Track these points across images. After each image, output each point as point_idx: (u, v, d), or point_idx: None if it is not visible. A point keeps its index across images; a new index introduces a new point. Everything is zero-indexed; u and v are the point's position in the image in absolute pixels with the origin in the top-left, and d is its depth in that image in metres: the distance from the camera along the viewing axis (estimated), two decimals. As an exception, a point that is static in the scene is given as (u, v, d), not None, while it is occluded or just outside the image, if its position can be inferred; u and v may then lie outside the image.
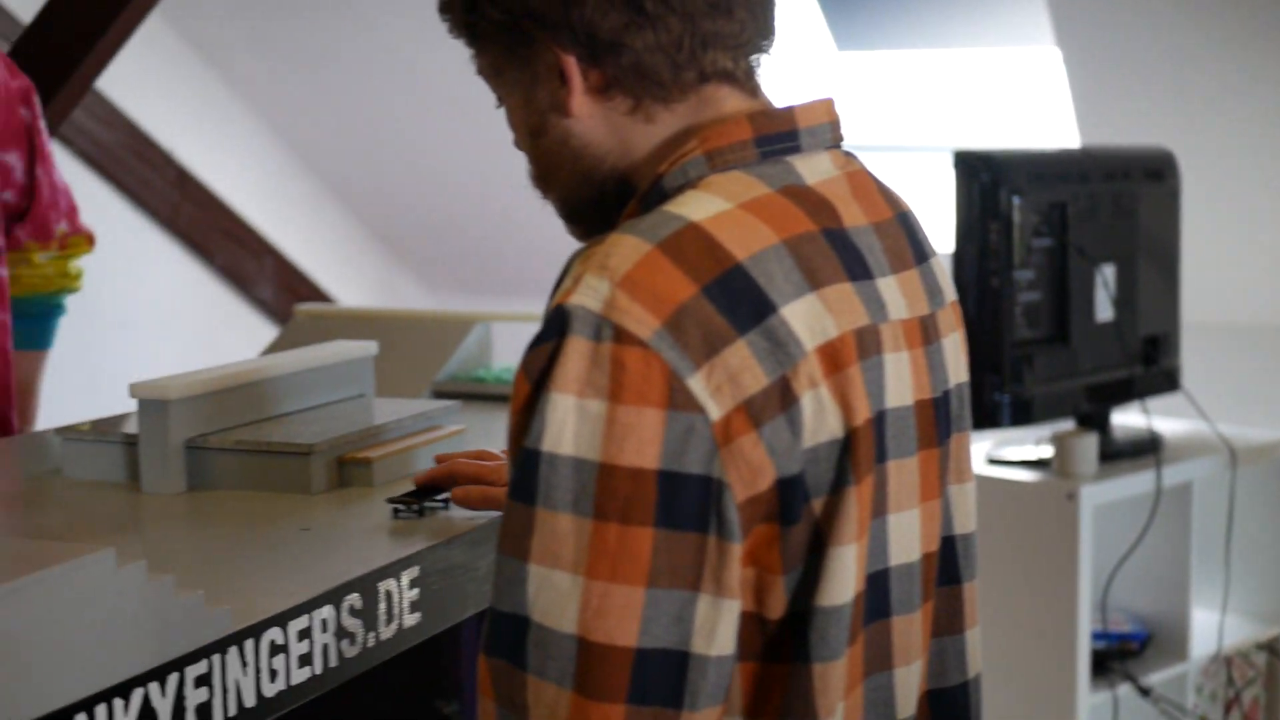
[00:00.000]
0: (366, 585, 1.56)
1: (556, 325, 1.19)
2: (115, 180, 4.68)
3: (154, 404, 1.90)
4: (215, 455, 1.92)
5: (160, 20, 4.78)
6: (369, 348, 2.26)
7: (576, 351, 1.17)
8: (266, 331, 5.39)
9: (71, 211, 2.60)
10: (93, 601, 1.21)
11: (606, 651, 1.15)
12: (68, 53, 3.92)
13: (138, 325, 4.91)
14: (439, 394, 2.62)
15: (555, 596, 1.16)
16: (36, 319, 2.61)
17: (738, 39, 1.34)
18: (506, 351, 2.87)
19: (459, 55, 1.43)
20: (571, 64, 1.31)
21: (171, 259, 5.01)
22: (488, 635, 1.21)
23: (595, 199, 1.39)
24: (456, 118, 5.18)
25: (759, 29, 1.37)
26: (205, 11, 4.90)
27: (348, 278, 5.77)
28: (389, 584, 1.59)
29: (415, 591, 1.63)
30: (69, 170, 4.57)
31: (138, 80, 4.71)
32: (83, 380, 4.72)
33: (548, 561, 1.16)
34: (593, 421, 1.16)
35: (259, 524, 1.77)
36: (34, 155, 2.49)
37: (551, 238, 5.49)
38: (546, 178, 1.40)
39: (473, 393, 2.60)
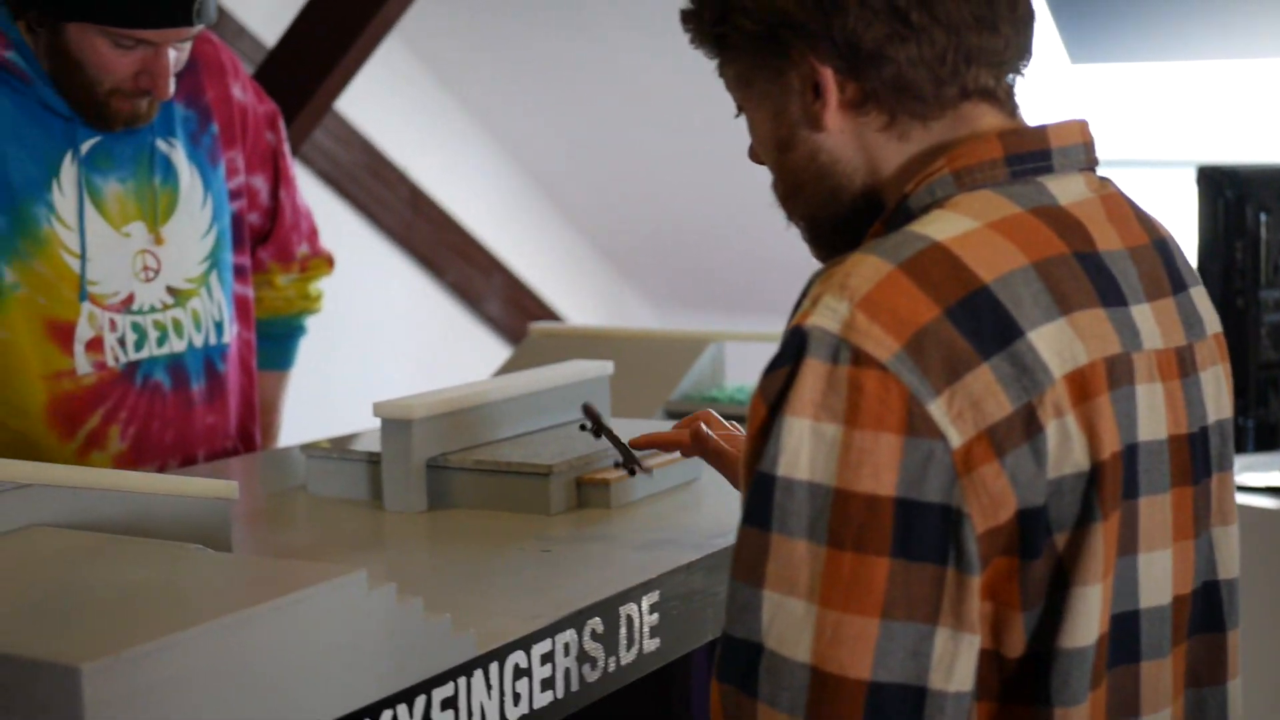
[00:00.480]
0: (608, 609, 1.56)
1: (793, 347, 1.15)
2: (351, 198, 4.78)
3: (397, 424, 1.93)
4: (456, 474, 1.94)
5: (397, 42, 4.87)
6: (605, 368, 2.26)
7: (813, 374, 1.14)
8: (495, 347, 5.46)
9: (312, 234, 2.65)
10: (344, 623, 1.23)
11: (840, 683, 1.12)
12: (309, 75, 4.02)
13: (370, 339, 5.00)
14: (672, 414, 2.61)
15: (789, 624, 1.13)
16: (278, 340, 2.67)
17: (1001, 56, 1.30)
18: (739, 371, 2.87)
19: (686, 73, 1.41)
20: (828, 76, 1.27)
21: (404, 275, 5.10)
22: (720, 660, 1.19)
23: (841, 218, 1.35)
24: (685, 135, 5.19)
25: (1020, 48, 1.32)
26: (441, 34, 4.98)
27: (575, 295, 5.82)
28: (630, 608, 1.59)
29: (655, 616, 1.62)
30: (307, 189, 4.68)
31: (375, 101, 4.81)
32: (316, 391, 4.82)
33: (782, 588, 1.13)
34: (828, 446, 1.13)
35: (499, 544, 1.78)
36: (278, 178, 2.54)
37: (783, 256, 5.47)
38: (791, 194, 1.36)
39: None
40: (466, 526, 1.87)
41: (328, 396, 4.86)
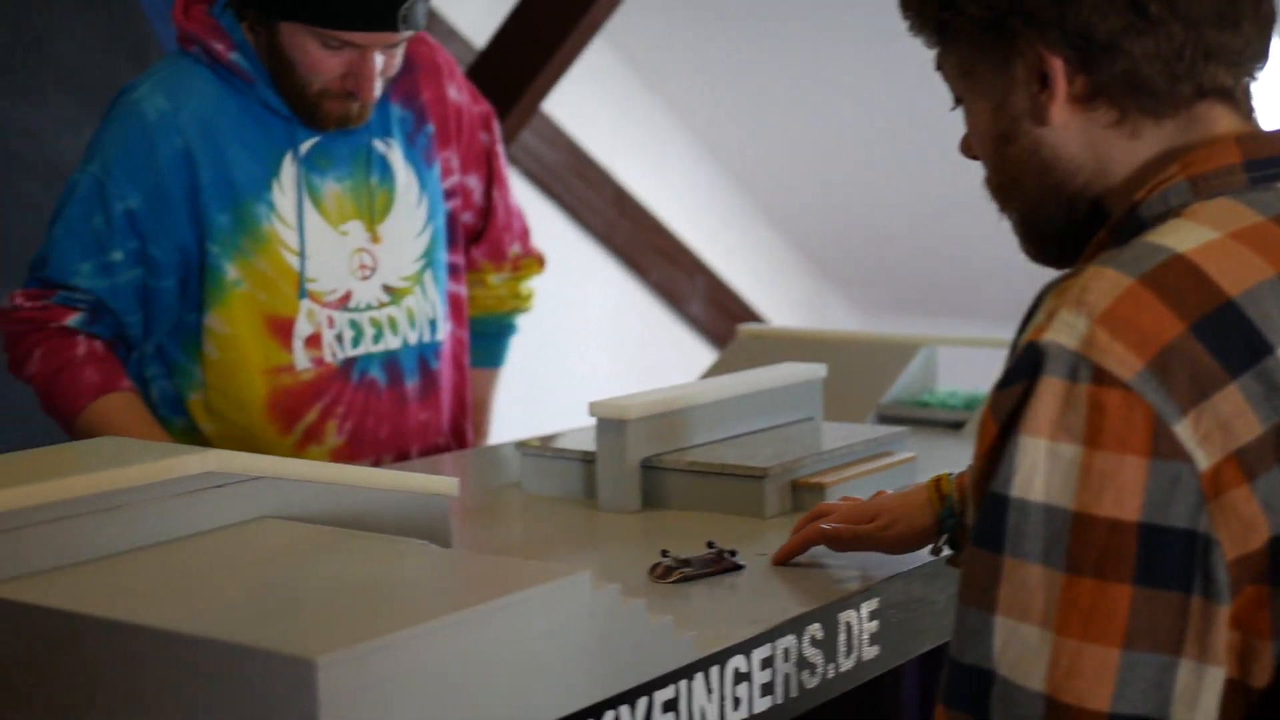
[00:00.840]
0: (828, 615, 1.54)
1: (1028, 364, 1.11)
2: (557, 198, 4.81)
3: (613, 424, 1.92)
4: (670, 475, 1.94)
5: (604, 43, 4.89)
6: (818, 370, 2.24)
7: (1050, 392, 1.09)
8: (697, 348, 5.45)
9: (524, 234, 2.66)
10: (568, 623, 1.22)
11: (1077, 714, 1.07)
12: (518, 76, 4.06)
13: (573, 338, 5.03)
14: (884, 418, 2.58)
15: (1023, 651, 1.09)
16: (490, 338, 2.69)
17: (1240, 55, 1.24)
18: (951, 376, 2.82)
19: (893, 73, 1.38)
20: (1058, 67, 1.22)
21: (608, 275, 5.12)
22: (947, 686, 1.14)
23: (1059, 217, 1.29)
24: (891, 136, 5.14)
25: (1260, 49, 1.27)
26: (647, 35, 4.99)
27: (777, 296, 5.79)
28: (849, 615, 1.57)
29: (875, 623, 1.60)
30: (514, 188, 4.72)
31: (581, 102, 4.83)
32: (520, 389, 4.86)
33: (1016, 614, 1.09)
34: (1066, 467, 1.08)
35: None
36: (491, 178, 2.56)
37: (991, 261, 5.39)
38: (1008, 188, 1.31)
39: (917, 418, 2.55)
40: (680, 528, 1.86)
41: (532, 394, 4.89)
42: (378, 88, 2.25)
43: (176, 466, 1.35)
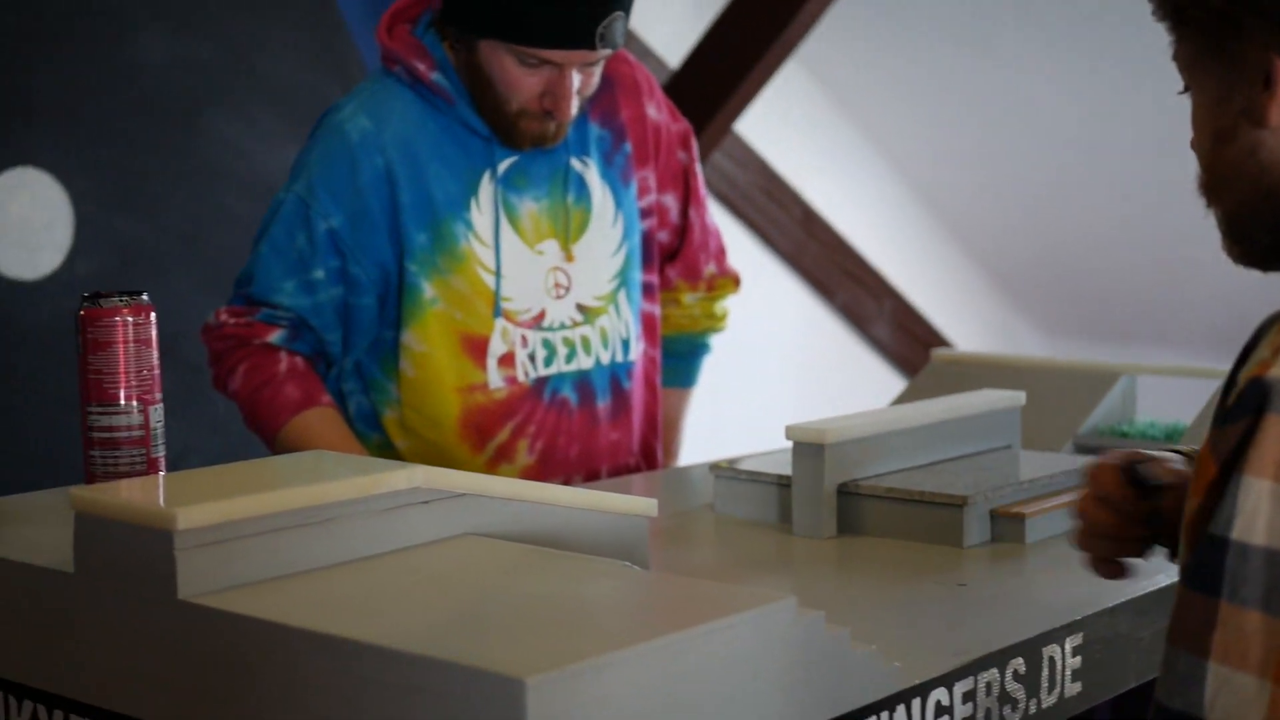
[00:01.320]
0: (1030, 649, 1.51)
1: (1253, 401, 1.07)
2: (746, 219, 4.81)
3: (810, 448, 1.91)
4: (867, 501, 1.91)
5: (796, 65, 4.88)
6: (1017, 398, 2.20)
7: (1276, 430, 1.05)
8: (882, 372, 5.41)
9: (720, 254, 2.65)
10: (774, 650, 1.21)
11: None
12: (711, 97, 4.06)
13: (758, 359, 5.02)
14: (1081, 448, 2.53)
15: (1237, 702, 1.05)
16: (683, 357, 2.69)
17: None
18: (1149, 405, 2.75)
19: (1089, 95, 1.33)
20: None
21: (794, 296, 5.10)
22: None
23: (1269, 222, 1.24)
24: (1080, 160, 5.05)
25: None
26: (838, 55, 4.97)
27: (964, 321, 5.73)
28: (1052, 649, 1.53)
29: (1078, 659, 1.56)
30: (704, 209, 4.72)
31: (772, 122, 4.82)
32: (703, 408, 4.86)
33: (1232, 661, 1.05)
34: None
35: (912, 575, 1.74)
36: (689, 197, 2.56)
37: (1190, 288, 5.26)
38: (1219, 188, 1.26)
39: (1116, 448, 2.49)
40: (876, 555, 1.84)
41: (715, 414, 4.88)
42: (575, 106, 2.25)
43: (383, 482, 1.36)
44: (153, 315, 1.59)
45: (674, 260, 2.59)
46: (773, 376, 5.09)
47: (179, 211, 3.28)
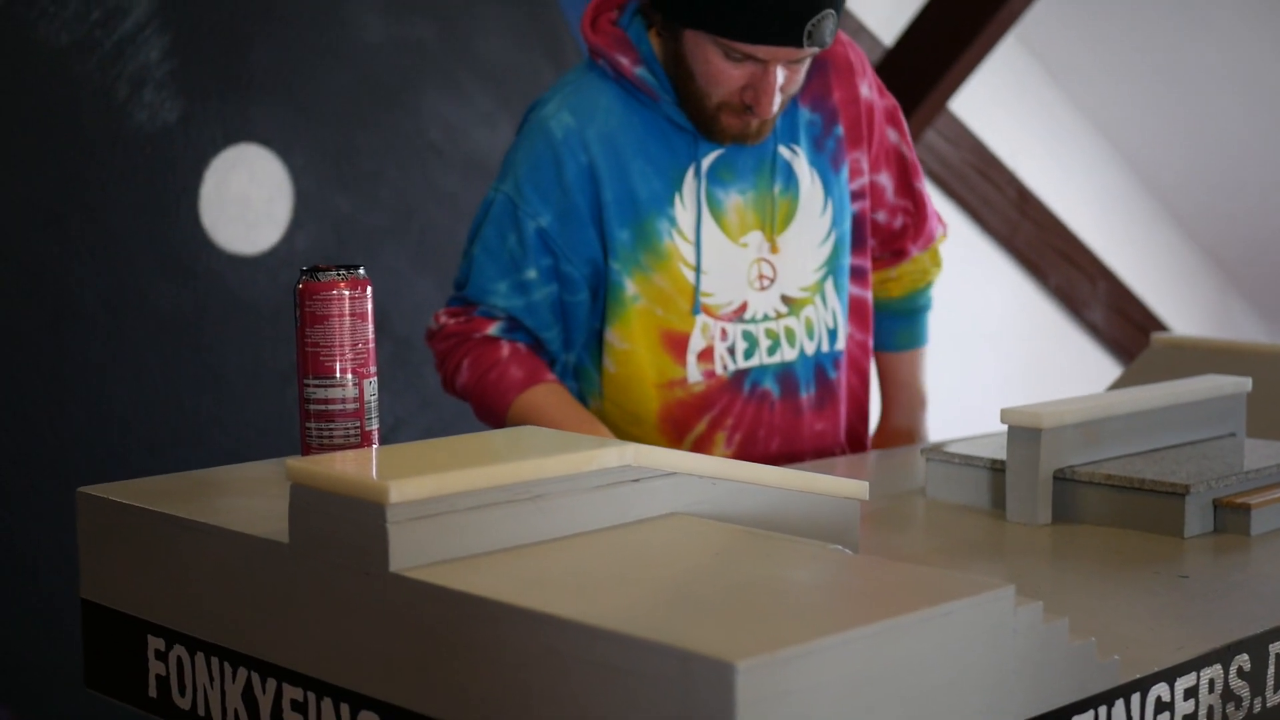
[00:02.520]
0: (1257, 646, 1.45)
1: None
2: (959, 198, 4.73)
3: (1026, 432, 1.86)
4: (1084, 488, 1.86)
5: (1014, 41, 4.79)
6: (1242, 384, 2.13)
7: None
8: (1097, 356, 5.29)
9: (935, 214, 2.61)
10: (991, 639, 1.18)
11: None
12: (926, 74, 4.00)
13: (969, 341, 4.94)
14: (1308, 437, 2.44)
15: None
16: (915, 315, 2.65)
17: None
18: (1384, 395, 2.64)
19: None
20: None
21: (1007, 277, 5.01)
22: None
23: None
24: (1313, 139, 4.88)
25: None
26: (1056, 31, 4.86)
27: (1181, 304, 5.57)
28: (1279, 646, 1.48)
29: (1307, 657, 1.50)
30: (915, 188, 4.66)
31: (986, 99, 4.74)
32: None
33: None
34: None
35: (1130, 566, 1.69)
36: (909, 171, 2.52)
37: None
38: None
39: (1348, 438, 2.40)
40: (1093, 544, 1.79)
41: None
42: (777, 103, 2.22)
43: (594, 459, 1.36)
44: (369, 289, 1.61)
45: (912, 237, 2.56)
46: (985, 359, 5.00)
47: (392, 189, 3.32)
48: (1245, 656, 1.44)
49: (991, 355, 5.04)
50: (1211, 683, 1.40)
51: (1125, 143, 5.29)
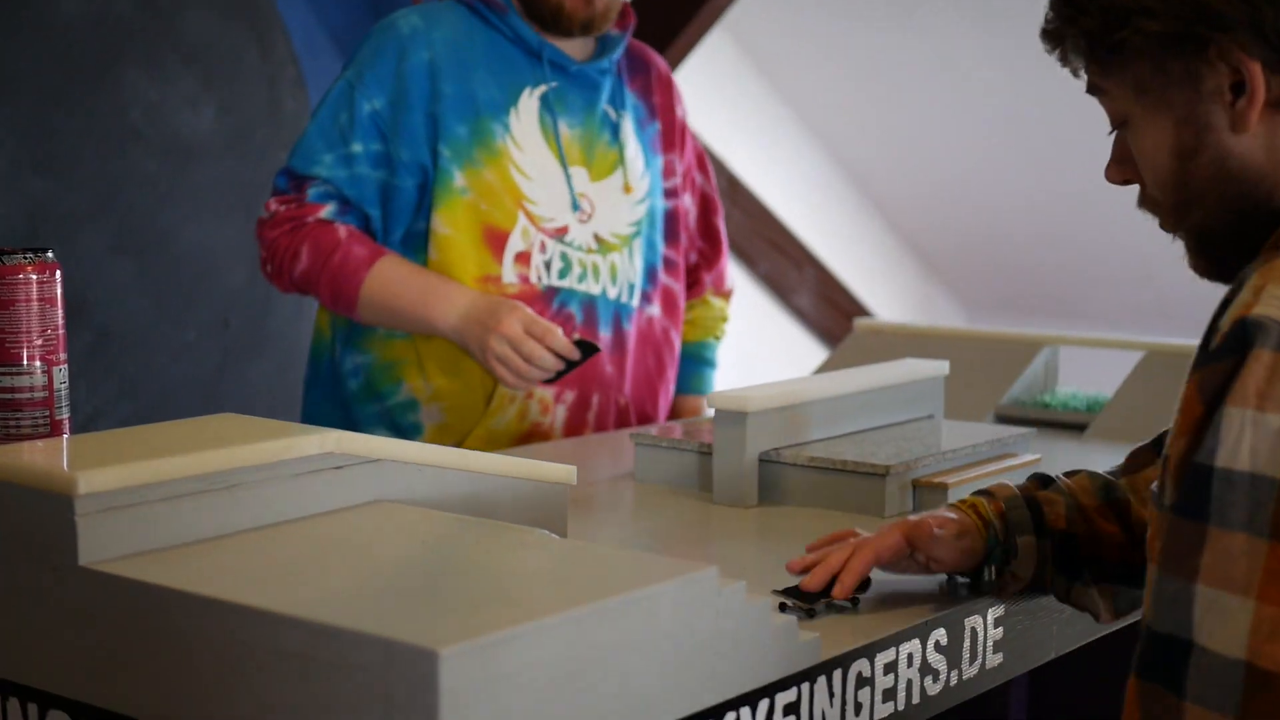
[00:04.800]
0: (952, 621, 1.49)
1: (1237, 339, 1.11)
2: (669, 187, 4.77)
3: (732, 415, 1.88)
4: (788, 470, 1.89)
5: (722, 33, 4.85)
6: (940, 368, 2.19)
7: (1260, 364, 1.10)
8: (803, 341, 5.40)
9: (727, 267, 2.76)
10: (694, 620, 1.19)
11: (1275, 680, 1.07)
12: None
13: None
14: (1002, 418, 2.52)
15: (1223, 620, 1.09)
16: (699, 366, 2.75)
17: None
18: (1069, 377, 2.75)
19: (1016, 69, 1.33)
20: (1257, 72, 1.19)
21: (717, 266, 5.08)
22: (1141, 656, 1.15)
23: (1234, 226, 1.26)
24: (1007, 135, 5.06)
25: None
26: (766, 26, 4.94)
27: (884, 291, 5.73)
28: (974, 620, 1.52)
29: (999, 630, 1.55)
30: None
31: (696, 90, 4.79)
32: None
33: (1217, 582, 1.09)
34: (1274, 437, 1.08)
35: (833, 545, 1.72)
36: (711, 212, 2.68)
37: (1105, 265, 5.27)
38: (1185, 205, 1.27)
39: (1038, 419, 2.49)
40: (798, 525, 1.82)
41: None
42: None
43: (293, 447, 1.33)
44: (58, 273, 1.54)
45: (707, 268, 2.68)
46: (694, 345, 5.06)
47: (91, 170, 3.20)
48: (942, 631, 1.47)
49: (703, 342, 5.09)
50: (910, 657, 1.43)
51: (832, 134, 5.41)
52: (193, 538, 1.26)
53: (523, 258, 2.35)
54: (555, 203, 2.38)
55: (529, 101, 2.37)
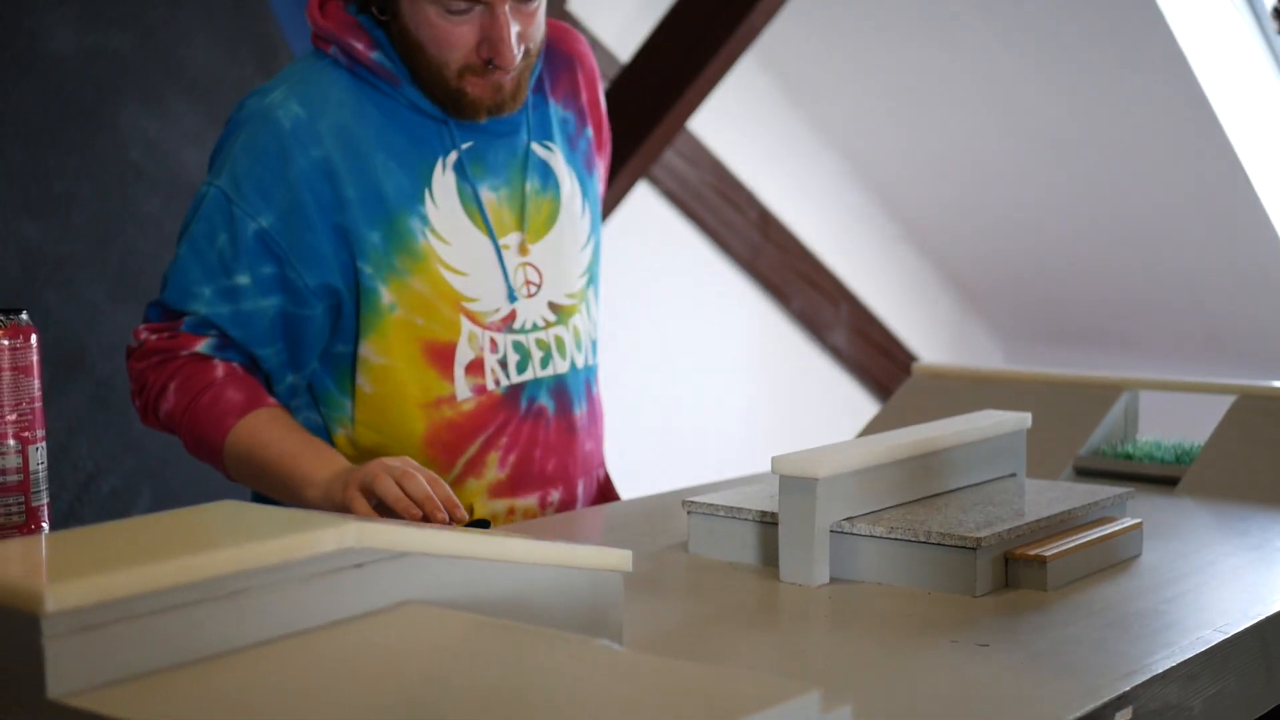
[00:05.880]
0: (1080, 729, 1.28)
1: None
2: (699, 220, 4.58)
3: (800, 482, 1.67)
4: (864, 543, 1.68)
5: (752, 61, 4.65)
6: (1022, 420, 1.97)
7: None
8: (838, 379, 5.19)
9: None
10: (794, 758, 0.97)
11: None
12: (664, 91, 3.83)
13: (712, 366, 4.79)
14: (1081, 471, 2.31)
15: None
16: None
17: None
18: (1153, 424, 2.54)
19: (1058, 92, 1.13)
20: None
21: (750, 301, 4.88)
22: None
23: None
24: (1049, 160, 4.85)
25: None
26: (797, 52, 4.74)
27: (921, 325, 5.51)
28: (1103, 729, 1.30)
29: (1128, 738, 1.34)
30: (655, 209, 4.49)
31: (726, 119, 4.60)
32: (657, 420, 4.63)
33: None
34: None
35: (921, 633, 1.51)
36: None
37: (1147, 293, 5.06)
38: None
39: (1122, 472, 2.28)
40: (878, 607, 1.60)
41: (667, 419, 4.66)
42: (518, 52, 1.99)
43: (307, 543, 1.12)
44: (34, 338, 1.34)
45: None
46: (725, 384, 4.86)
47: (88, 213, 3.00)
48: (1067, 744, 1.26)
49: (733, 379, 4.90)
50: (1032, 778, 1.22)
51: (865, 161, 5.21)
52: (186, 658, 1.06)
53: (475, 366, 2.06)
54: (496, 290, 2.08)
55: (444, 179, 2.04)
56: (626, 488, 2.77)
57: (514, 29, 1.97)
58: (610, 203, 3.94)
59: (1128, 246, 5.01)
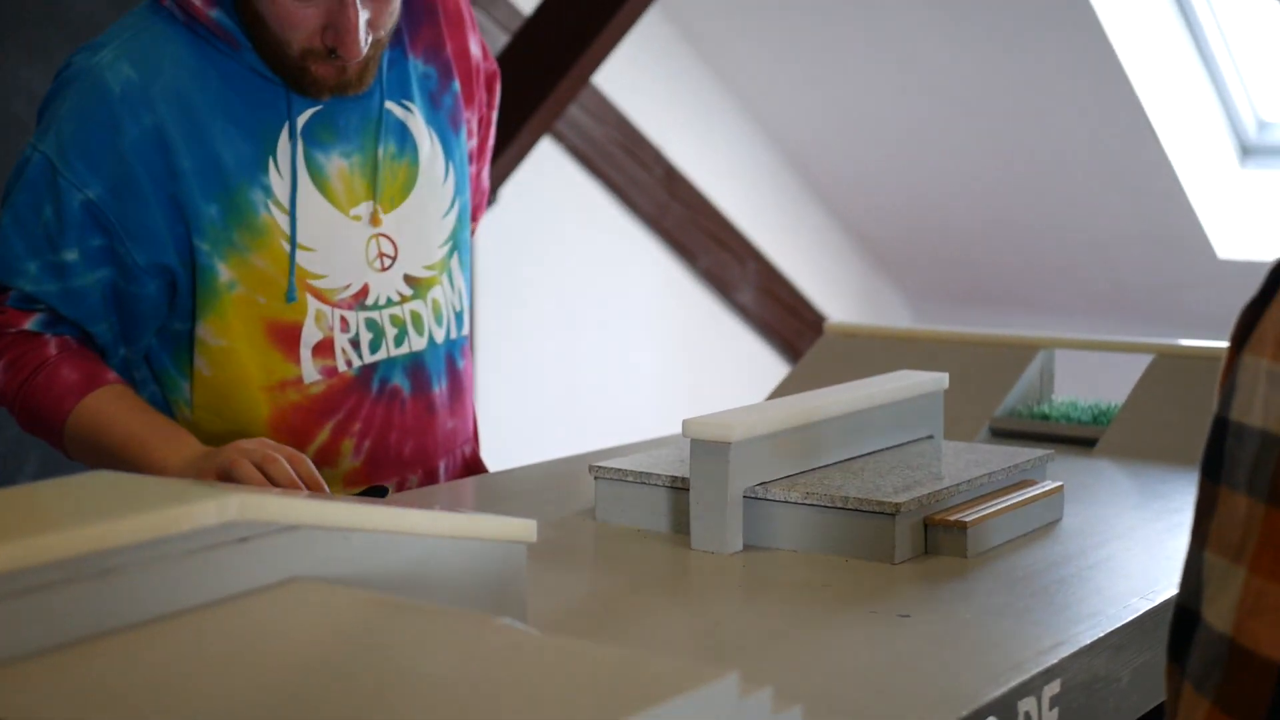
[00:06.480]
0: (1005, 706, 1.22)
1: (1269, 282, 0.97)
2: (604, 177, 4.49)
3: (713, 446, 1.60)
4: (779, 509, 1.62)
5: (658, 14, 4.57)
6: (940, 381, 1.92)
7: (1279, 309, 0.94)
8: (745, 338, 5.13)
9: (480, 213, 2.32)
10: (711, 745, 0.90)
11: (1249, 660, 0.93)
12: (568, 46, 3.74)
13: (617, 323, 4.72)
14: (997, 432, 2.26)
15: (1221, 589, 0.95)
16: None
17: None
18: (1069, 384, 2.50)
19: (959, 51, 1.07)
20: None
21: (656, 259, 4.81)
22: (1169, 635, 1.00)
23: None
24: (957, 119, 4.81)
25: None
26: (704, 6, 4.66)
27: (829, 284, 5.46)
28: (1028, 704, 1.25)
29: (1055, 712, 1.28)
30: (560, 166, 4.40)
31: (632, 74, 4.51)
32: (562, 381, 4.56)
33: (1218, 548, 0.96)
34: None
35: (840, 604, 1.45)
36: (480, 147, 2.19)
37: (1058, 253, 5.05)
38: None
39: (1038, 433, 2.23)
40: (793, 576, 1.54)
41: (572, 387, 4.59)
42: (364, 42, 1.87)
43: (184, 517, 1.03)
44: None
45: (474, 220, 2.24)
46: (632, 342, 4.79)
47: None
48: (993, 719, 1.20)
49: (639, 338, 4.83)
50: (959, 756, 1.16)
51: (771, 118, 5.14)
52: (52, 642, 0.97)
53: (323, 347, 1.95)
54: (347, 265, 1.95)
55: (288, 146, 1.91)
56: (530, 452, 2.69)
57: (363, 16, 1.85)
58: (514, 159, 3.84)
59: (1036, 206, 4.99)
